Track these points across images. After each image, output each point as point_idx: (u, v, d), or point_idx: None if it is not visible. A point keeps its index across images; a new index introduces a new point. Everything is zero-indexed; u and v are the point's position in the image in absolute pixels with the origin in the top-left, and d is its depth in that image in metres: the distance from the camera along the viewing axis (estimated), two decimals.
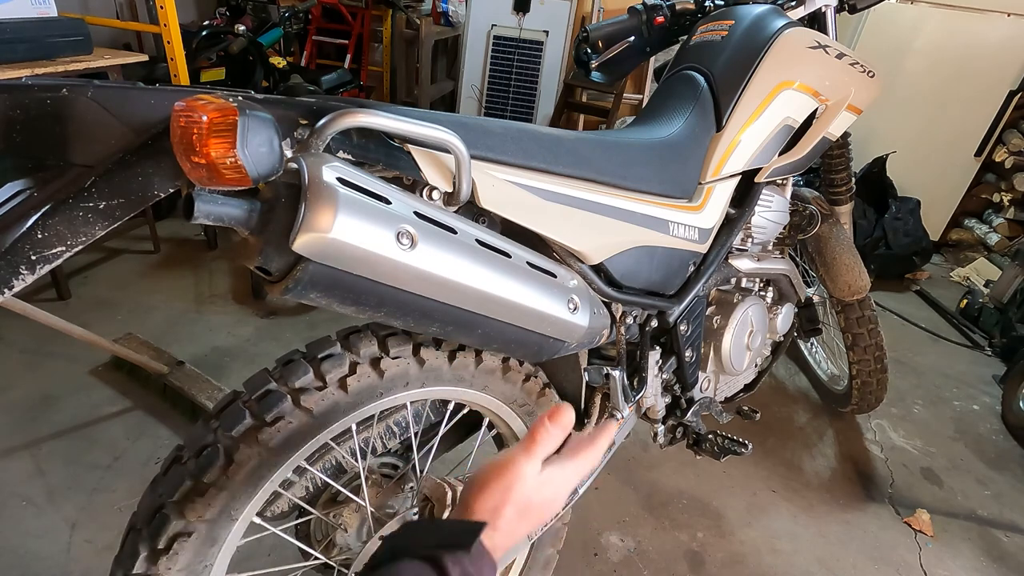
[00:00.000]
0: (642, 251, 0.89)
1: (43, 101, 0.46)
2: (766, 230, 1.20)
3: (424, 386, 0.79)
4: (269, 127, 0.48)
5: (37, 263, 0.48)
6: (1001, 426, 2.05)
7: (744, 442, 1.19)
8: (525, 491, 0.53)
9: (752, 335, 1.25)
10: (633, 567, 1.39)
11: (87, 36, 1.88)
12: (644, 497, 1.58)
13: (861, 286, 1.51)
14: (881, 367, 1.70)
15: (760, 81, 1.03)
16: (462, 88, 3.94)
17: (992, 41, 2.95)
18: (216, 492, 0.66)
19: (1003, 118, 3.07)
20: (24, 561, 1.26)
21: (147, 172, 0.50)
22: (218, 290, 2.30)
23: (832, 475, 1.74)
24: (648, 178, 0.89)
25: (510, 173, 0.71)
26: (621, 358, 0.98)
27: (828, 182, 1.54)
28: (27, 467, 1.46)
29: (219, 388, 1.67)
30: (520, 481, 0.52)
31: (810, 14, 1.19)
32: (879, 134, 3.12)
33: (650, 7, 1.25)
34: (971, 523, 1.63)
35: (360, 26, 3.82)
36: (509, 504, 0.52)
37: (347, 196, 0.50)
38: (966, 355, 2.48)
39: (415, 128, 0.57)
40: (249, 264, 0.54)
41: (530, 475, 0.53)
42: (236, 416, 0.67)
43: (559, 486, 0.56)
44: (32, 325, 1.52)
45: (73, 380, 1.75)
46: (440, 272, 0.57)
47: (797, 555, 1.47)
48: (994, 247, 3.19)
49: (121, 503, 1.40)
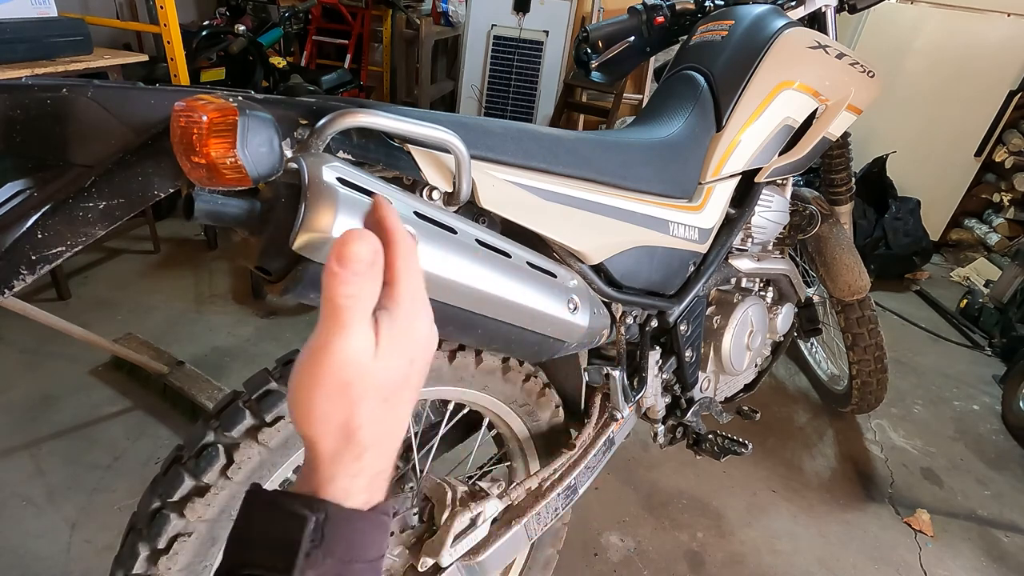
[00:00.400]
0: (642, 251, 0.89)
1: (43, 101, 0.45)
2: (766, 230, 1.20)
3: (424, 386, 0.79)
4: (269, 127, 0.48)
5: (37, 263, 0.48)
6: (1001, 426, 2.05)
7: (744, 442, 1.19)
8: (370, 375, 0.35)
9: (752, 335, 1.25)
10: (633, 567, 1.39)
11: (87, 36, 1.88)
12: (644, 497, 1.58)
13: (861, 286, 1.51)
14: (881, 367, 1.70)
15: (760, 81, 1.03)
16: (462, 88, 3.94)
17: (992, 41, 2.95)
18: (216, 492, 0.66)
19: (1003, 118, 3.07)
20: (24, 561, 1.25)
21: (147, 172, 0.49)
22: (218, 290, 2.30)
23: (832, 475, 1.73)
24: (648, 178, 0.89)
25: (510, 173, 0.70)
26: (621, 358, 0.98)
27: (828, 182, 1.54)
28: (27, 467, 1.46)
29: (219, 388, 1.67)
30: (353, 369, 0.34)
31: (810, 14, 1.19)
32: (879, 134, 3.12)
33: (650, 7, 1.25)
34: (971, 523, 1.63)
35: (360, 26, 3.81)
36: (360, 403, 0.34)
37: (347, 196, 0.50)
38: (966, 355, 2.48)
39: (415, 128, 0.57)
40: (249, 264, 0.54)
41: (361, 353, 0.34)
42: (236, 416, 0.67)
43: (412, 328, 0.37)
44: (32, 325, 1.51)
45: (73, 380, 1.75)
46: (440, 272, 0.57)
47: (797, 555, 1.47)
48: (994, 247, 3.19)
49: (121, 503, 1.40)
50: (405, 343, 0.37)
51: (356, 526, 0.35)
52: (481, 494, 0.85)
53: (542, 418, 0.98)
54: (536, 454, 1.04)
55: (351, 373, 0.34)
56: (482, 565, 0.85)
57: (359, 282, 0.33)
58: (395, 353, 0.36)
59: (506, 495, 0.87)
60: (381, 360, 0.35)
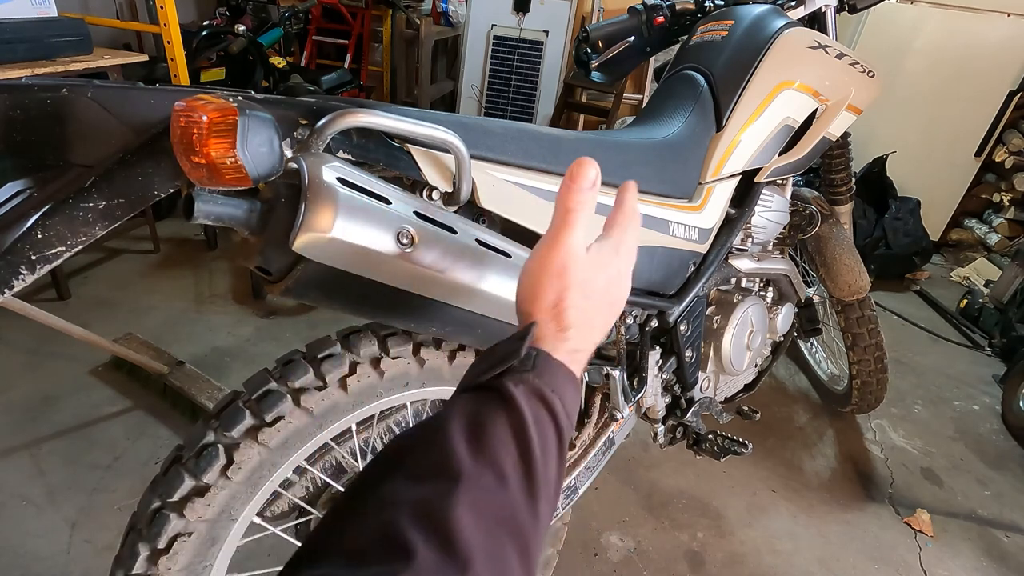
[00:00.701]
0: (642, 251, 0.89)
1: (43, 101, 0.45)
2: (766, 230, 1.20)
3: (424, 386, 0.79)
4: (269, 127, 0.48)
5: (37, 263, 0.48)
6: (1001, 426, 2.05)
7: (744, 442, 1.19)
8: (582, 268, 0.45)
9: (752, 335, 1.25)
10: (633, 567, 1.39)
11: (87, 36, 1.88)
12: (644, 497, 1.58)
13: (861, 286, 1.51)
14: (881, 367, 1.70)
15: (760, 81, 1.03)
16: (462, 88, 3.94)
17: (992, 41, 2.95)
18: (216, 492, 0.66)
19: (1003, 118, 3.07)
20: (24, 561, 1.25)
21: (147, 172, 0.49)
22: (218, 290, 2.30)
23: (832, 475, 1.73)
24: (648, 178, 0.89)
25: (510, 173, 0.71)
26: (621, 358, 0.98)
27: (828, 182, 1.54)
28: (27, 467, 1.46)
29: (219, 388, 1.67)
30: (571, 258, 0.45)
31: (810, 14, 1.19)
32: (879, 134, 3.12)
33: (650, 7, 1.25)
34: (971, 523, 1.63)
35: (360, 26, 3.81)
36: (570, 289, 0.44)
37: (347, 196, 0.50)
38: (966, 355, 2.48)
39: (415, 128, 0.57)
40: (249, 264, 0.54)
41: (579, 248, 0.45)
42: (236, 416, 0.67)
43: (617, 259, 0.48)
44: (32, 325, 1.51)
45: (73, 380, 1.75)
46: (440, 272, 0.57)
47: (797, 555, 1.47)
48: (994, 247, 3.19)
49: (121, 503, 1.40)
50: (608, 260, 0.48)
51: (559, 370, 0.43)
52: None
53: None
54: None
55: (568, 259, 0.45)
56: None
57: (584, 194, 0.45)
58: (600, 263, 0.47)
59: None
60: (591, 260, 0.46)
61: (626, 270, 0.50)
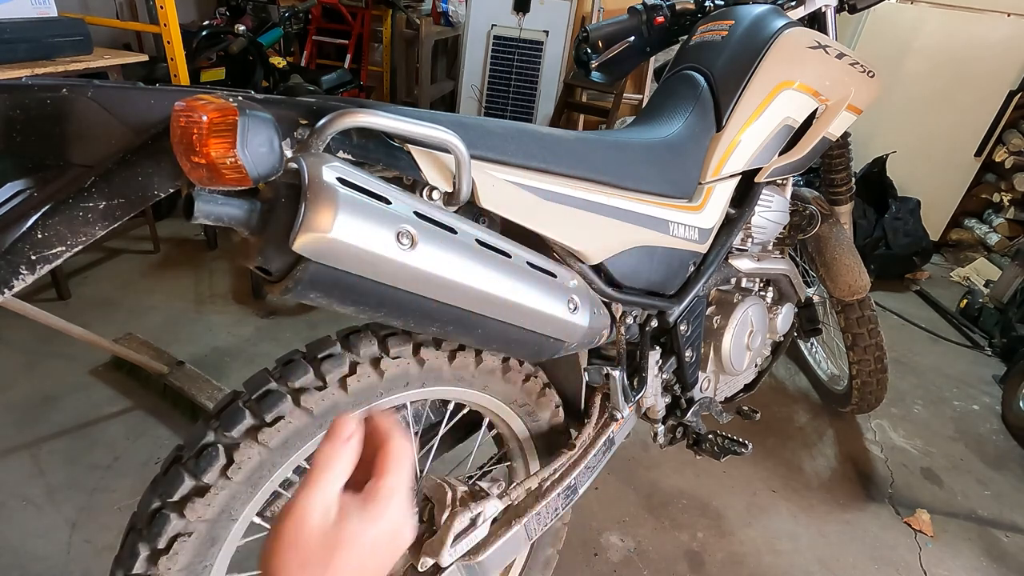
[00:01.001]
0: (642, 251, 0.89)
1: (43, 101, 0.46)
2: (766, 230, 1.20)
3: (424, 386, 0.79)
4: (269, 127, 0.48)
5: (37, 263, 0.48)
6: (1001, 426, 2.05)
7: (744, 442, 1.19)
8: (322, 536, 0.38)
9: (752, 335, 1.25)
10: (633, 567, 1.39)
11: (87, 36, 1.88)
12: (644, 497, 1.58)
13: (861, 286, 1.51)
14: (881, 367, 1.70)
15: (760, 81, 1.03)
16: (462, 88, 3.94)
17: (992, 41, 2.95)
18: (216, 492, 0.66)
19: (1003, 118, 3.07)
20: (24, 561, 1.25)
21: (147, 172, 0.50)
22: (218, 290, 2.30)
23: (832, 475, 1.73)
24: (648, 178, 0.89)
25: (510, 173, 0.71)
26: (621, 358, 0.98)
27: (828, 182, 1.54)
28: (27, 467, 1.46)
29: (219, 388, 1.67)
30: (308, 524, 0.37)
31: (810, 14, 1.19)
32: (879, 134, 3.12)
33: (650, 7, 1.25)
34: (971, 523, 1.63)
35: (360, 26, 3.81)
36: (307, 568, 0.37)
37: (347, 196, 0.50)
38: (966, 355, 2.48)
39: (415, 128, 0.57)
40: (249, 264, 0.54)
41: (322, 510, 0.38)
42: (236, 416, 0.67)
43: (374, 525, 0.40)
44: (32, 325, 1.52)
45: (73, 380, 1.75)
46: (440, 272, 0.57)
47: (797, 555, 1.47)
48: (994, 247, 3.19)
49: (121, 503, 1.40)
50: (366, 528, 0.39)
51: None
52: (481, 494, 0.85)
53: (542, 418, 0.98)
54: (536, 454, 1.04)
55: (307, 528, 0.37)
56: (482, 565, 0.85)
57: (336, 450, 0.40)
58: (352, 532, 0.38)
59: (506, 495, 0.87)
60: (337, 529, 0.38)
61: (394, 526, 0.41)
